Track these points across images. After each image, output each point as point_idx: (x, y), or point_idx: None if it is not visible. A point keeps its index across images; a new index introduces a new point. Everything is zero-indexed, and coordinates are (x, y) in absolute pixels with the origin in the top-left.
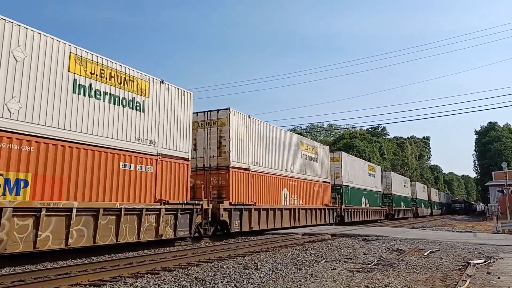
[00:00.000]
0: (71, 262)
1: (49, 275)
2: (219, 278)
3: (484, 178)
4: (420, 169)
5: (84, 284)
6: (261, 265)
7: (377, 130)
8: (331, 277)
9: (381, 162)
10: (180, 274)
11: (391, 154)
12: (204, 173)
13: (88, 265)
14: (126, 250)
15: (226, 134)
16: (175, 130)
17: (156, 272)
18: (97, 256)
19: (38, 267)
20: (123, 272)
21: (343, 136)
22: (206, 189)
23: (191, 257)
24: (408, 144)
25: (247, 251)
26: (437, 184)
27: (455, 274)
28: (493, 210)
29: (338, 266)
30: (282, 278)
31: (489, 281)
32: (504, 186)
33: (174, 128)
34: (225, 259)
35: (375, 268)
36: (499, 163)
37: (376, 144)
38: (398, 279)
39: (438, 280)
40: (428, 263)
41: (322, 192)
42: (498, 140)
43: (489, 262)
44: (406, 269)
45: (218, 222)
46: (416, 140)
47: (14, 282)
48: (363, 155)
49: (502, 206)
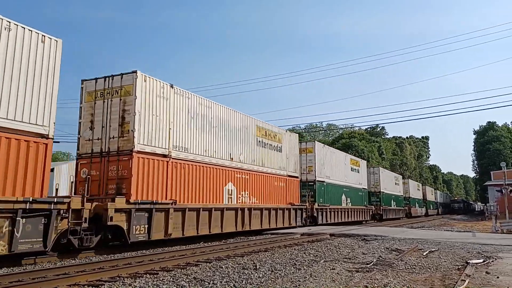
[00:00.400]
0: (70, 262)
1: (48, 275)
2: (218, 278)
3: (483, 178)
4: (419, 169)
5: (82, 284)
6: (260, 265)
7: (376, 130)
8: (330, 277)
9: (380, 162)
10: (178, 274)
11: (390, 154)
12: (101, 160)
13: (86, 265)
14: (123, 251)
15: (131, 107)
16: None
17: (154, 272)
18: (96, 256)
19: (36, 267)
20: (121, 272)
21: (342, 136)
22: (102, 182)
23: (190, 257)
24: (407, 144)
25: (246, 251)
26: (436, 184)
27: (454, 274)
28: (492, 209)
29: (337, 266)
30: (281, 278)
31: (488, 281)
32: (503, 185)
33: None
34: (224, 259)
35: (374, 268)
36: (498, 163)
37: (375, 144)
38: (397, 279)
39: (437, 280)
40: (427, 263)
41: (288, 189)
42: (497, 140)
43: (488, 262)
44: (405, 269)
45: (107, 228)
46: (415, 140)
47: (12, 282)
48: (362, 155)
49: (501, 206)
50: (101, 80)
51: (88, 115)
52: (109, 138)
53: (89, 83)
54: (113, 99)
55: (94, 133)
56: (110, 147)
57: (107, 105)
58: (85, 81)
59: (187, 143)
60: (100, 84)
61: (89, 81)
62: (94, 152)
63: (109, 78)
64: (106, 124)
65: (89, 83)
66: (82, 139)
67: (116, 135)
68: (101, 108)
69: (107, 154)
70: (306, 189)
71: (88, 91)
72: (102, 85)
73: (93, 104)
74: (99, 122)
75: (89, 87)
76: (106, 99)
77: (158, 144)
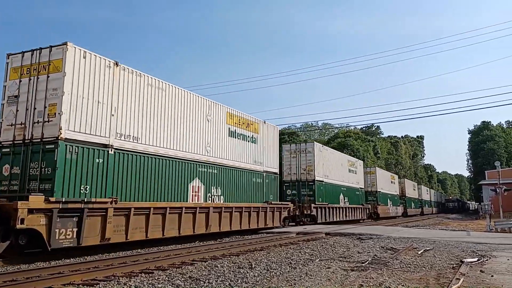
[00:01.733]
0: (64, 261)
1: (42, 275)
2: (213, 277)
3: (477, 177)
4: (414, 168)
5: (77, 284)
6: (256, 264)
7: (371, 129)
8: (325, 276)
9: (375, 161)
10: (174, 273)
11: (385, 153)
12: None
13: (81, 264)
14: (119, 250)
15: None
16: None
17: (150, 271)
18: (91, 256)
19: (30, 266)
20: (116, 272)
21: (337, 135)
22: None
23: (185, 256)
24: (402, 143)
25: (242, 250)
26: (430, 183)
27: (449, 272)
28: (486, 209)
29: (332, 265)
30: (277, 277)
31: (482, 279)
32: (497, 185)
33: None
34: (220, 258)
35: (369, 267)
36: (492, 162)
37: (370, 143)
38: (392, 278)
39: (432, 279)
40: (422, 262)
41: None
42: (492, 139)
43: (482, 261)
44: (400, 267)
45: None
46: (410, 139)
47: (6, 282)
48: (357, 154)
49: (495, 205)
50: (28, 54)
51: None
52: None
53: (15, 57)
54: (39, 76)
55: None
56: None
57: (33, 83)
58: (11, 55)
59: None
60: (27, 58)
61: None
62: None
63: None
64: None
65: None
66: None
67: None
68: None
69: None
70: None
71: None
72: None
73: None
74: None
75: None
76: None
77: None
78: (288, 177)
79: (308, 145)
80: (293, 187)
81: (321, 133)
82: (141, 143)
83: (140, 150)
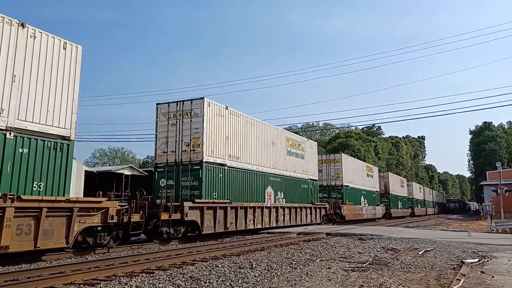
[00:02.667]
0: (65, 261)
1: (43, 274)
2: (214, 277)
3: (478, 178)
4: (415, 168)
5: (78, 283)
6: (256, 264)
7: (372, 129)
8: (326, 276)
9: (376, 162)
10: (174, 273)
11: (386, 154)
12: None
13: (82, 264)
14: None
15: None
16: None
17: (150, 271)
18: (92, 255)
19: (32, 266)
20: (117, 271)
21: (338, 136)
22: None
23: (186, 256)
24: (403, 144)
25: (242, 250)
26: (431, 183)
27: (449, 273)
28: (487, 209)
29: (333, 265)
30: (277, 277)
31: (483, 280)
32: (498, 185)
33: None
34: (220, 258)
35: (370, 267)
36: (494, 163)
37: (371, 143)
38: (392, 278)
39: (432, 279)
40: (422, 262)
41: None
42: (493, 140)
43: (483, 262)
44: (401, 268)
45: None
46: (411, 139)
47: (7, 281)
48: (358, 155)
49: (496, 206)
50: (173, 104)
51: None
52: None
53: (163, 106)
54: (184, 119)
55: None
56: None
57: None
58: (159, 104)
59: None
60: (173, 107)
61: (163, 104)
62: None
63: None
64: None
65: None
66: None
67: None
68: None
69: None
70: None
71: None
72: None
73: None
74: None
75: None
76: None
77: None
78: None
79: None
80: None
81: (322, 133)
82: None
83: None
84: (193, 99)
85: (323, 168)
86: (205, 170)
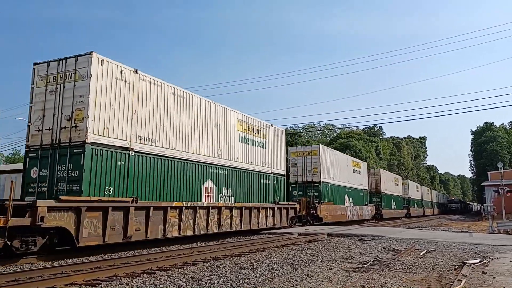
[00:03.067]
0: (66, 261)
1: (44, 275)
2: (215, 278)
3: (480, 178)
4: (416, 169)
5: (79, 284)
6: (257, 265)
7: (374, 130)
8: (327, 277)
9: (378, 162)
10: (176, 273)
11: (388, 154)
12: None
13: (83, 264)
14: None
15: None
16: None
17: (152, 271)
18: (93, 256)
19: (32, 266)
20: (118, 272)
21: (339, 136)
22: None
23: (187, 257)
24: (404, 144)
25: (244, 250)
26: (433, 184)
27: (450, 274)
28: (489, 210)
29: (334, 266)
30: (278, 278)
31: (484, 281)
32: (499, 186)
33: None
34: (221, 259)
35: (371, 268)
36: (495, 163)
37: (372, 144)
38: (394, 279)
39: (434, 280)
40: (424, 263)
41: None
42: (494, 140)
43: (484, 262)
44: (402, 269)
45: None
46: (412, 140)
47: (8, 282)
48: (360, 155)
49: (498, 206)
50: (54, 63)
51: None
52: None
53: (41, 66)
54: (66, 84)
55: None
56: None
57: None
58: (37, 65)
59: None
60: (53, 67)
61: (41, 64)
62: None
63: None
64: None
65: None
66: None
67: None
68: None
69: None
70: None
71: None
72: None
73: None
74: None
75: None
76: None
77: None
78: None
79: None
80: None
81: (323, 133)
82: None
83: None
84: (79, 55)
85: (298, 161)
86: (90, 154)
